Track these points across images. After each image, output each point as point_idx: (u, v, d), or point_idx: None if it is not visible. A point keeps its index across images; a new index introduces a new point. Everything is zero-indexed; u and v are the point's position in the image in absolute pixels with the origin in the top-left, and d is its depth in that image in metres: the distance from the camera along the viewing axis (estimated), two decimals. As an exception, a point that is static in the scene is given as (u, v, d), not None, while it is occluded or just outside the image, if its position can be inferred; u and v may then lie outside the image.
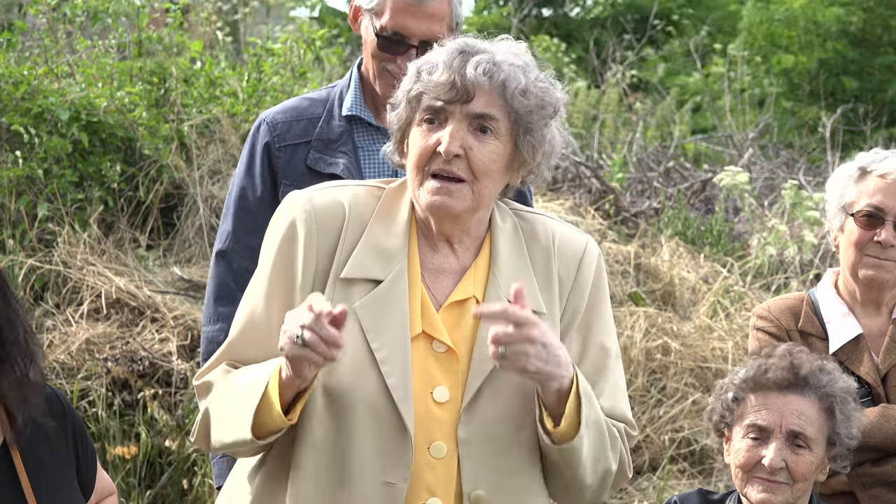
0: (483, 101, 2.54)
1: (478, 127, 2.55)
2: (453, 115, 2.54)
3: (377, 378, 2.52)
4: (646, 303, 7.40)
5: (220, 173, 7.40)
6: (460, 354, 2.58)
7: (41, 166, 6.79)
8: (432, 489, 2.55)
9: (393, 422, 2.51)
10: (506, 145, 2.58)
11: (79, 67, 7.66)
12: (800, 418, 3.16)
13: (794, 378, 3.18)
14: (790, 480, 3.16)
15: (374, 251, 2.59)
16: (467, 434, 2.54)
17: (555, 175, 9.90)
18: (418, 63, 2.60)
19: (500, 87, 2.53)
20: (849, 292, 3.61)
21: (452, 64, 2.53)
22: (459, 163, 2.54)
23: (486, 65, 2.53)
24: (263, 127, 3.58)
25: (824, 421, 3.18)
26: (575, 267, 2.68)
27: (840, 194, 3.57)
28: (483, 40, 2.61)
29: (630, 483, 6.43)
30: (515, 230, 2.69)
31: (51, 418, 2.97)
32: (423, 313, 2.59)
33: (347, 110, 3.55)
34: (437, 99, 2.54)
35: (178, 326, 6.33)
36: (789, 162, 11.38)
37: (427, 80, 2.55)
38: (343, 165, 3.47)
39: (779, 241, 7.72)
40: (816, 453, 3.17)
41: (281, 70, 8.23)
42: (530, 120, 2.56)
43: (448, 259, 2.65)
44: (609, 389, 2.68)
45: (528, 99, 2.55)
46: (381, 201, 2.65)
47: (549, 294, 2.65)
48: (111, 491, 3.22)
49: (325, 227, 2.60)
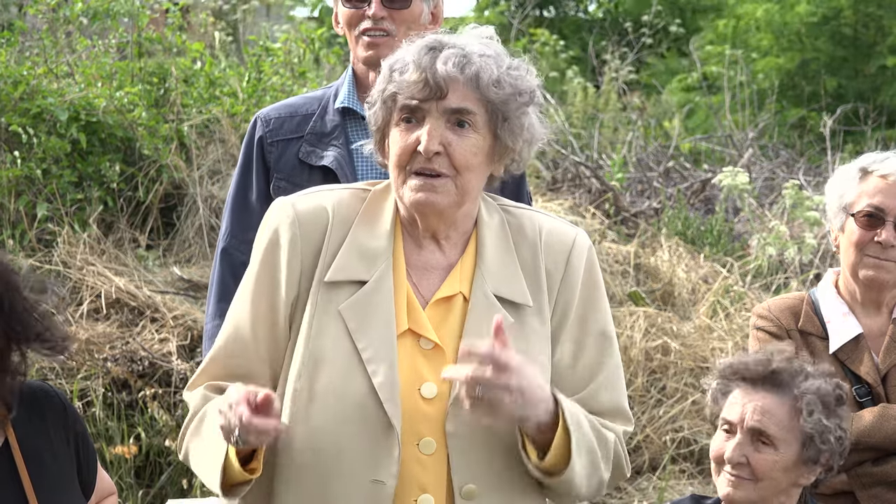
0: (457, 95, 2.53)
1: (455, 122, 2.54)
2: (430, 112, 2.54)
3: (364, 378, 2.52)
4: (645, 303, 7.41)
5: (220, 173, 7.40)
6: (447, 350, 2.58)
7: (40, 166, 6.79)
8: (423, 486, 2.55)
9: (379, 420, 2.51)
10: (485, 137, 2.57)
11: (78, 67, 7.66)
12: (763, 415, 3.15)
13: (768, 374, 3.18)
14: (753, 477, 3.15)
15: (358, 253, 2.60)
16: (455, 428, 2.53)
17: (554, 175, 9.91)
18: (390, 61, 2.59)
19: (474, 79, 2.53)
20: (849, 292, 3.61)
21: (422, 62, 2.53)
22: (440, 160, 2.54)
23: (456, 58, 2.52)
24: (258, 124, 3.63)
25: (794, 421, 3.16)
26: (564, 260, 2.67)
27: (840, 194, 3.57)
28: (452, 34, 2.61)
29: (630, 483, 6.43)
30: (502, 225, 2.68)
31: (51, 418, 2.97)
32: (409, 311, 2.59)
33: (340, 103, 3.58)
34: (411, 98, 2.54)
35: (177, 326, 6.32)
36: (789, 162, 11.38)
37: (399, 81, 2.54)
38: (333, 157, 3.51)
39: (778, 241, 7.72)
40: (783, 453, 3.14)
41: (281, 70, 8.23)
42: (507, 109, 2.56)
43: (434, 255, 2.65)
44: (609, 380, 2.68)
45: (503, 88, 2.54)
46: (365, 203, 2.66)
47: (536, 288, 2.64)
48: (111, 491, 3.22)
49: (308, 232, 2.61)
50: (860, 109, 13.36)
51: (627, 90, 14.25)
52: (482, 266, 2.62)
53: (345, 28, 3.58)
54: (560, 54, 14.72)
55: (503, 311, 2.59)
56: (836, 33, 15.76)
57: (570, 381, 2.65)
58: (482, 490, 2.56)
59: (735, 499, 3.16)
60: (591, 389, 2.65)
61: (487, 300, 2.60)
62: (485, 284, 2.61)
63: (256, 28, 12.24)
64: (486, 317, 2.56)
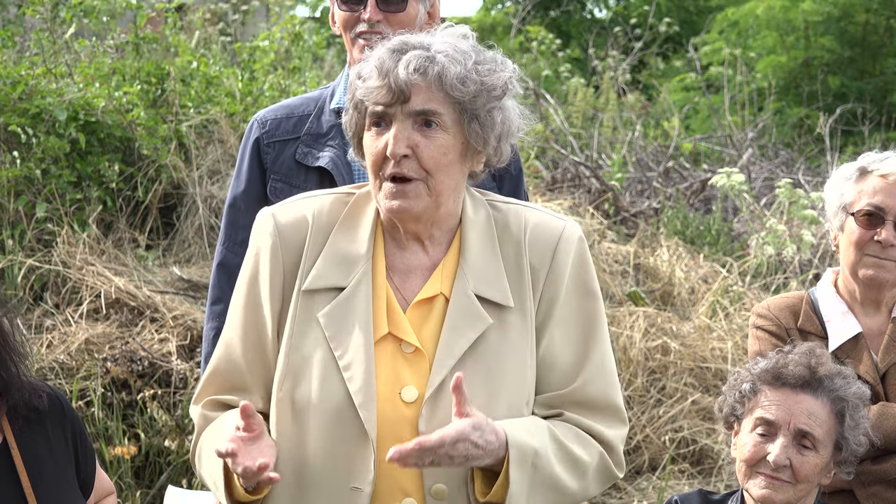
0: (421, 97, 2.52)
1: (422, 122, 2.53)
2: (395, 116, 2.53)
3: (340, 384, 2.52)
4: (645, 302, 7.40)
5: (220, 173, 7.40)
6: (427, 353, 2.57)
7: (39, 166, 6.79)
8: (406, 489, 2.55)
9: (355, 427, 2.52)
10: (455, 135, 2.56)
11: (77, 68, 7.66)
12: (809, 418, 3.16)
13: (811, 377, 3.18)
14: (793, 480, 3.15)
15: (337, 259, 2.60)
16: (427, 429, 2.50)
17: (554, 175, 9.91)
18: (358, 67, 2.60)
19: (436, 80, 2.51)
20: (848, 291, 3.61)
21: (384, 67, 2.52)
22: (409, 163, 2.53)
23: (417, 61, 2.51)
24: (254, 126, 3.65)
25: (833, 424, 3.18)
26: (549, 253, 2.64)
27: (840, 194, 3.58)
28: (422, 33, 2.60)
29: (630, 483, 6.43)
30: (488, 221, 2.67)
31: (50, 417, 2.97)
32: (389, 314, 2.58)
33: (336, 104, 3.59)
34: (376, 104, 2.54)
35: (177, 326, 6.32)
36: (788, 162, 11.38)
37: (364, 87, 2.55)
38: (329, 158, 3.51)
39: (777, 240, 7.72)
40: (822, 455, 3.17)
41: (277, 66, 8.23)
42: (475, 106, 2.54)
43: (417, 256, 2.64)
44: (598, 373, 2.64)
45: (468, 86, 2.52)
46: (347, 208, 2.66)
47: (519, 286, 2.62)
48: (110, 490, 3.22)
49: (288, 242, 2.62)
50: (858, 110, 13.37)
51: (627, 90, 14.25)
52: (464, 265, 2.61)
53: (341, 29, 3.58)
54: (558, 53, 14.72)
55: (482, 312, 2.57)
56: (845, 32, 15.75)
57: (557, 375, 2.63)
58: (452, 489, 2.55)
59: (775, 501, 3.15)
60: (578, 383, 2.63)
61: (468, 299, 2.58)
62: (466, 284, 2.59)
63: (256, 30, 12.24)
64: (466, 317, 2.56)
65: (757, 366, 3.26)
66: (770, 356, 3.27)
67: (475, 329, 2.57)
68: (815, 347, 3.27)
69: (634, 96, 14.29)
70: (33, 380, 2.99)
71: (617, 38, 15.38)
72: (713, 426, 6.59)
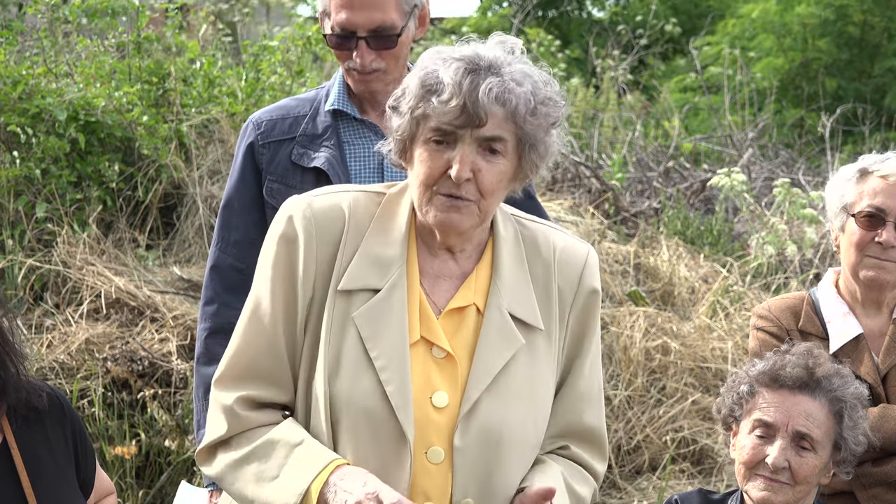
0: (494, 124, 2.51)
1: (487, 148, 2.52)
2: (462, 138, 2.51)
3: (376, 385, 2.52)
4: (645, 302, 7.40)
5: (220, 173, 7.40)
6: (459, 360, 2.58)
7: (39, 166, 6.78)
8: (428, 494, 2.55)
9: (392, 429, 2.51)
10: (511, 161, 2.56)
11: (77, 67, 7.65)
12: (807, 420, 3.16)
13: (808, 378, 3.18)
14: (792, 481, 3.15)
15: (372, 260, 2.59)
16: (463, 443, 2.53)
17: (554, 175, 9.90)
18: (421, 75, 2.53)
19: (512, 112, 2.51)
20: (849, 292, 3.61)
21: (462, 87, 2.48)
22: (468, 185, 2.53)
23: (497, 90, 2.48)
24: (250, 127, 3.65)
25: (832, 425, 3.18)
26: (577, 279, 2.69)
27: (841, 194, 3.58)
28: (484, 48, 2.55)
29: (630, 483, 6.43)
30: (517, 239, 2.69)
31: (50, 417, 2.97)
32: (422, 319, 2.59)
33: (331, 105, 3.58)
34: (447, 123, 2.50)
35: (177, 326, 6.32)
36: (788, 162, 11.38)
37: (436, 105, 2.49)
38: (325, 159, 3.50)
39: (777, 240, 7.72)
40: (821, 456, 3.17)
41: (279, 69, 8.23)
42: (536, 136, 2.55)
43: (447, 264, 2.65)
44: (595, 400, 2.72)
45: (537, 119, 2.53)
46: (380, 208, 2.65)
47: (546, 308, 2.65)
48: (110, 490, 3.22)
49: (324, 232, 2.60)
50: (858, 110, 13.36)
51: (627, 90, 14.25)
52: (498, 280, 2.62)
53: (335, 52, 3.56)
54: (557, 54, 14.71)
55: (516, 332, 2.60)
56: (843, 34, 15.75)
57: (566, 401, 2.69)
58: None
59: (774, 503, 3.15)
60: (579, 409, 2.69)
61: (502, 317, 2.60)
62: (501, 300, 2.61)
63: (255, 30, 12.24)
64: (500, 334, 2.58)
65: (754, 367, 3.26)
66: (767, 357, 3.27)
67: (509, 348, 2.59)
68: (813, 348, 3.27)
69: (635, 96, 14.30)
70: (33, 379, 2.99)
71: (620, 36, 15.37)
72: (713, 426, 6.59)
